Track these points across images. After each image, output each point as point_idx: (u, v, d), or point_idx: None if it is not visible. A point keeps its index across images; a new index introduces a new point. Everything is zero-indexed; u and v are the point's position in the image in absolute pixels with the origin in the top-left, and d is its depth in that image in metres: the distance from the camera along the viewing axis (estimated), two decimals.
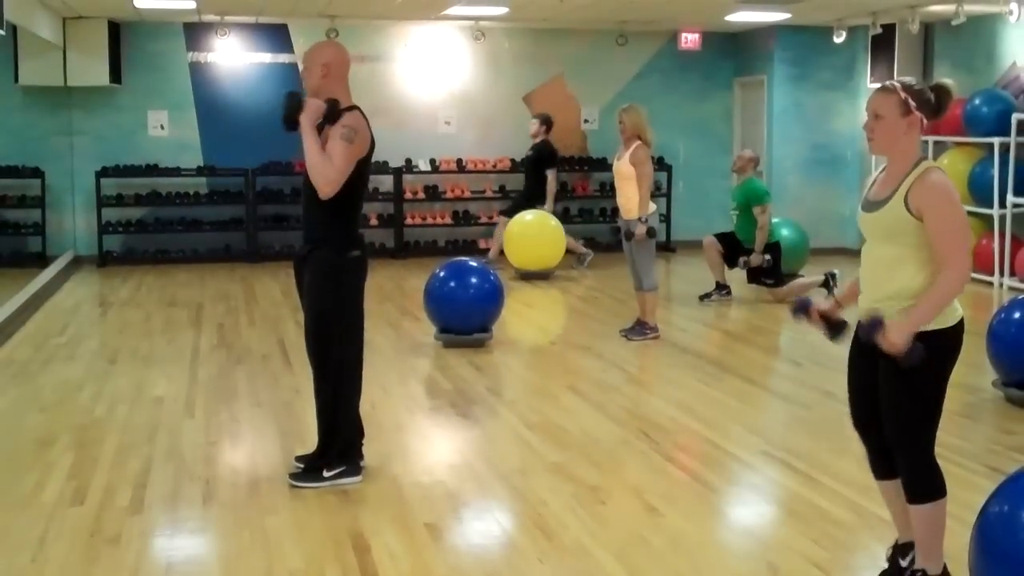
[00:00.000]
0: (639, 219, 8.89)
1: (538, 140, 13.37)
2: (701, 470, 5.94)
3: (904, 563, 4.23)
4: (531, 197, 13.19)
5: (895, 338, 3.84)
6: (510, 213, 13.04)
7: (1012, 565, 3.40)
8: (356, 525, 5.02)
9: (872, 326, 3.89)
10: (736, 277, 11.26)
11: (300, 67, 5.62)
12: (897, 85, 3.99)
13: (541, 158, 13.27)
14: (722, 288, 11.15)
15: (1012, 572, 3.39)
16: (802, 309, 4.35)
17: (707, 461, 6.12)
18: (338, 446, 5.57)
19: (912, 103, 3.94)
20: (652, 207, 9.07)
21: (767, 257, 10.94)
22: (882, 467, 4.24)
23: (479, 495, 5.49)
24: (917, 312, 3.86)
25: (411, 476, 5.75)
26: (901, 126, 3.95)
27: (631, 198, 8.96)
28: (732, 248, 11.13)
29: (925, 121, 3.97)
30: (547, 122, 13.46)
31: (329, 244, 5.47)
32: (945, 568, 4.13)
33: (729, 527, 5.22)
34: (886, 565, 4.31)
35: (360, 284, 5.64)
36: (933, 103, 4.00)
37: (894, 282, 3.96)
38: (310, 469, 5.57)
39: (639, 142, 9.01)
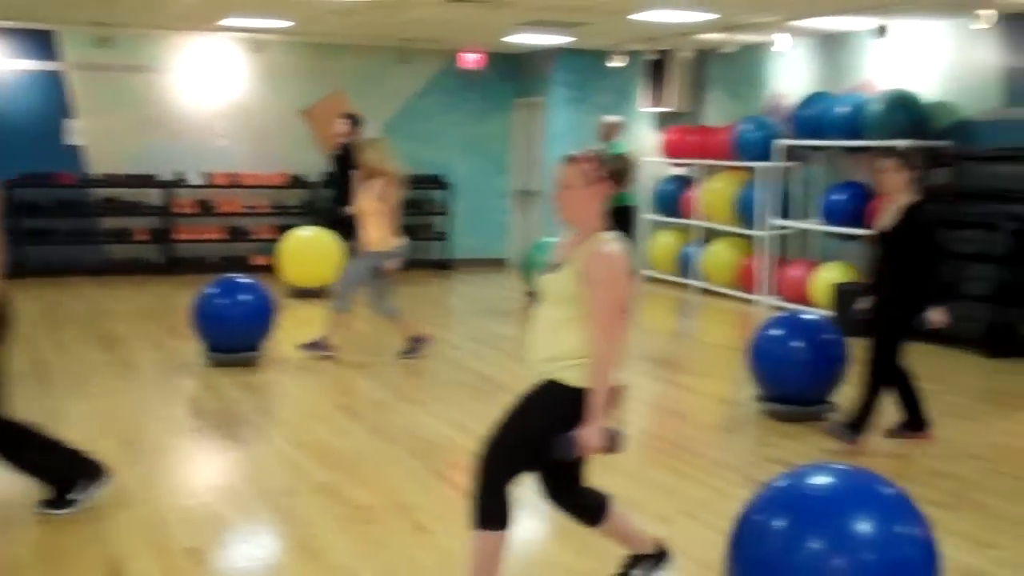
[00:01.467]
0: (388, 253, 8.87)
1: (346, 140, 12.92)
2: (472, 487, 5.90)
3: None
4: (339, 197, 12.94)
5: (589, 441, 3.87)
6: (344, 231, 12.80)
7: (762, 572, 3.47)
8: (112, 551, 4.78)
9: (568, 445, 3.88)
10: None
11: None
12: (584, 156, 4.04)
13: (348, 157, 12.82)
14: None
15: None
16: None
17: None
18: (62, 475, 5.28)
19: (597, 173, 4.00)
20: (402, 239, 9.04)
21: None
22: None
23: (244, 518, 5.32)
24: (591, 406, 3.88)
25: (173, 499, 5.53)
26: (586, 195, 3.99)
27: (374, 233, 8.86)
28: None
29: (609, 189, 4.03)
30: (357, 122, 13.04)
31: None
32: (659, 544, 4.36)
33: None
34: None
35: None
36: (617, 173, 4.07)
37: (558, 345, 3.98)
38: (57, 495, 5.27)
39: (384, 177, 8.86)
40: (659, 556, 4.35)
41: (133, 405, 7.49)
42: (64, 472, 5.29)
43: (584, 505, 4.23)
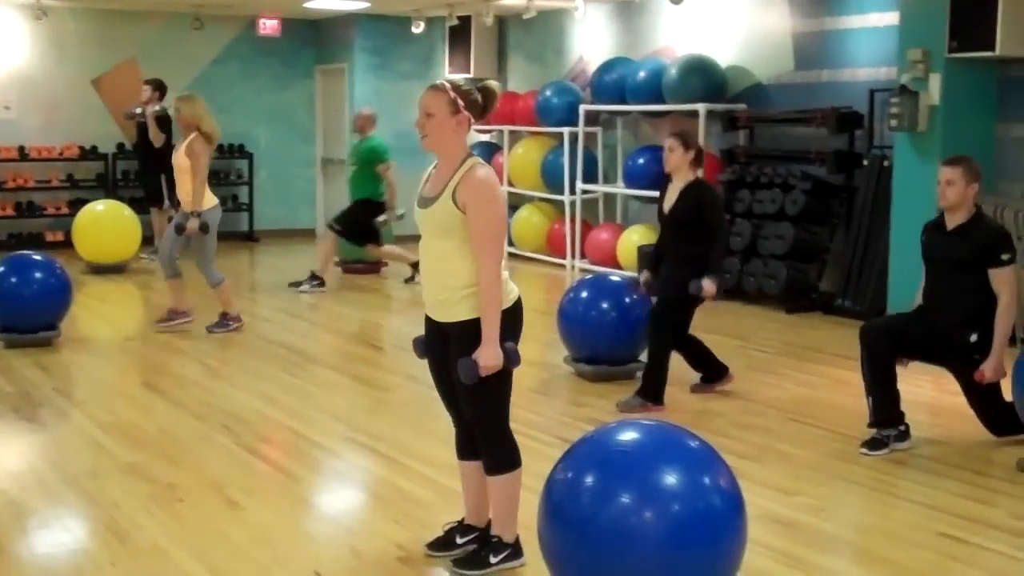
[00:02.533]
0: (192, 213, 8.61)
1: (155, 106, 12.43)
2: (284, 461, 5.84)
3: (460, 540, 4.39)
4: (145, 165, 12.55)
5: (487, 362, 4.00)
6: (152, 202, 12.42)
7: (573, 527, 3.53)
8: None
9: (468, 369, 4.00)
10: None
11: None
12: (447, 85, 4.10)
13: (162, 121, 12.34)
14: (315, 279, 11.04)
15: (573, 533, 3.53)
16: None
17: (290, 451, 6.02)
18: None
19: (461, 103, 4.05)
20: (211, 201, 8.83)
21: (401, 212, 10.89)
22: (465, 447, 4.36)
23: (45, 502, 5.11)
24: (485, 325, 4.01)
25: None
26: (450, 124, 4.05)
27: (189, 191, 8.67)
28: (351, 230, 11.05)
29: (472, 120, 4.10)
30: (160, 87, 12.54)
31: None
32: (517, 537, 4.27)
33: (313, 515, 5.15)
34: (441, 534, 4.44)
35: None
36: (480, 103, 4.12)
37: (447, 275, 4.08)
38: None
39: (196, 133, 8.69)
40: (518, 549, 4.29)
41: None
42: None
43: (510, 446, 4.24)
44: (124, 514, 4.92)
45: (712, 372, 7.08)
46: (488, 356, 4.00)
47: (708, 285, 6.51)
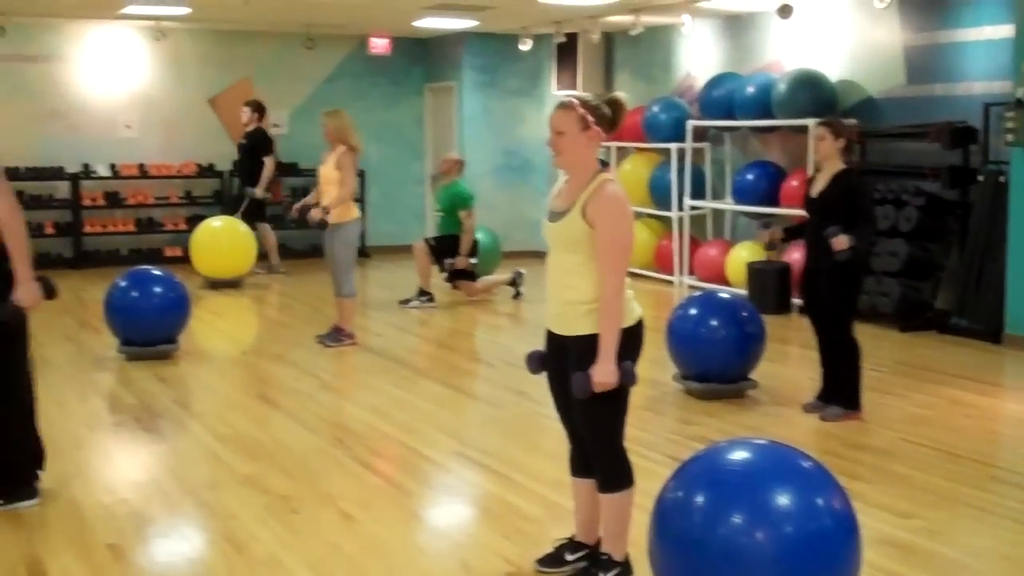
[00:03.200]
0: (324, 208, 8.80)
1: (251, 128, 13.02)
2: (396, 474, 5.92)
3: (570, 558, 4.39)
4: (244, 184, 12.94)
5: (602, 378, 4.00)
6: (252, 216, 12.75)
7: (684, 546, 3.52)
8: (32, 550, 4.70)
9: (581, 384, 4.02)
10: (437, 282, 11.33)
11: None
12: (575, 101, 4.12)
13: (256, 146, 12.93)
14: (424, 295, 11.17)
15: (685, 553, 3.52)
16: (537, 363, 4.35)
17: (402, 465, 6.09)
18: (14, 469, 5.20)
19: (590, 118, 4.08)
20: (355, 214, 9.00)
21: (473, 260, 11.08)
22: (579, 464, 4.37)
23: (165, 512, 5.25)
24: (603, 341, 4.02)
25: (92, 495, 5.44)
26: (582, 141, 4.09)
27: (335, 201, 8.86)
28: (440, 250, 11.19)
29: (603, 135, 4.13)
30: (259, 109, 13.10)
31: None
32: (627, 555, 4.27)
33: (423, 529, 5.21)
34: (551, 550, 4.45)
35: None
36: (609, 117, 4.15)
37: (571, 289, 4.11)
38: None
39: (344, 147, 8.88)
40: (627, 569, 4.28)
41: (46, 401, 7.28)
42: (15, 469, 5.21)
43: (624, 464, 4.24)
44: (241, 524, 5.04)
45: (839, 395, 6.91)
46: (603, 372, 4.00)
47: (843, 238, 6.43)
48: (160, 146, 14.46)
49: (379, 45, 15.07)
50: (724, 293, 8.22)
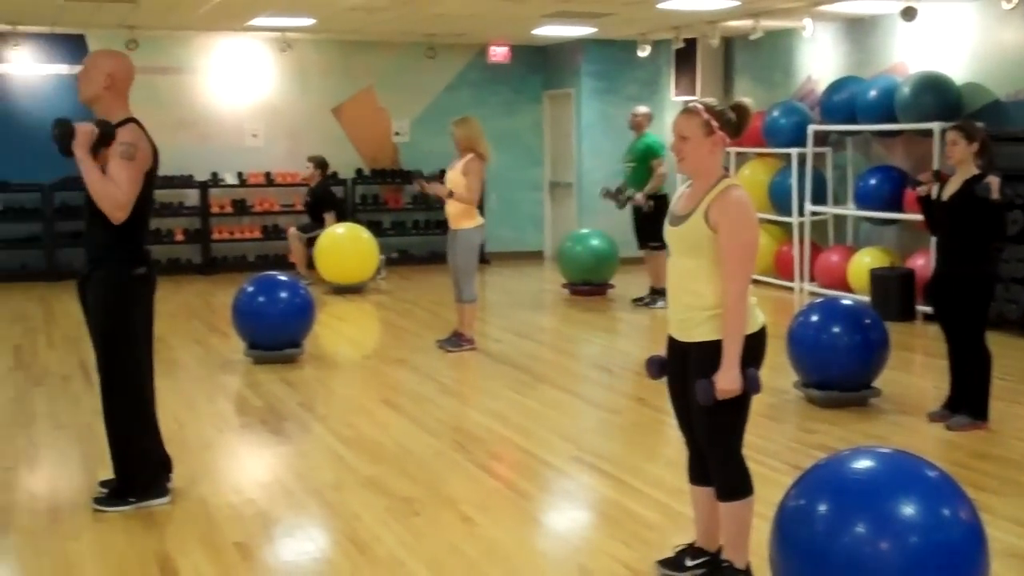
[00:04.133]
0: (449, 192, 8.92)
1: (314, 184, 13.34)
2: (515, 478, 5.97)
3: (690, 563, 4.38)
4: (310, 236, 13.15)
5: (726, 385, 4.00)
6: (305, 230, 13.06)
7: (806, 556, 3.50)
8: (163, 547, 4.86)
9: (705, 391, 4.00)
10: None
11: (79, 71, 5.33)
12: (700, 107, 4.13)
13: (319, 202, 13.26)
14: (657, 293, 11.24)
15: (806, 562, 3.50)
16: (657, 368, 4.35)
17: (521, 469, 6.14)
18: (137, 469, 5.37)
19: (715, 123, 4.08)
20: (478, 220, 9.11)
21: (651, 202, 11.10)
22: (697, 472, 4.37)
23: (291, 512, 5.38)
24: (727, 348, 4.00)
25: (220, 495, 5.60)
26: (706, 145, 4.09)
27: (458, 207, 8.97)
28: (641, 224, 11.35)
29: (727, 140, 4.12)
30: (321, 165, 13.41)
31: (112, 262, 5.23)
32: (748, 564, 4.25)
33: (542, 533, 5.25)
34: (671, 555, 4.45)
35: (147, 302, 5.41)
36: (734, 122, 4.15)
37: (694, 294, 4.10)
38: (115, 493, 5.36)
39: (473, 154, 8.99)
40: (716, 560, 4.32)
41: (177, 402, 7.57)
42: (139, 471, 5.36)
43: (743, 472, 4.22)
44: (364, 526, 5.14)
45: (967, 404, 6.75)
46: (727, 380, 3.99)
47: (995, 179, 6.32)
48: (285, 154, 14.78)
49: (498, 53, 15.19)
50: (846, 299, 8.10)
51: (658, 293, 11.22)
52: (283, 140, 14.81)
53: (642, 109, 11.72)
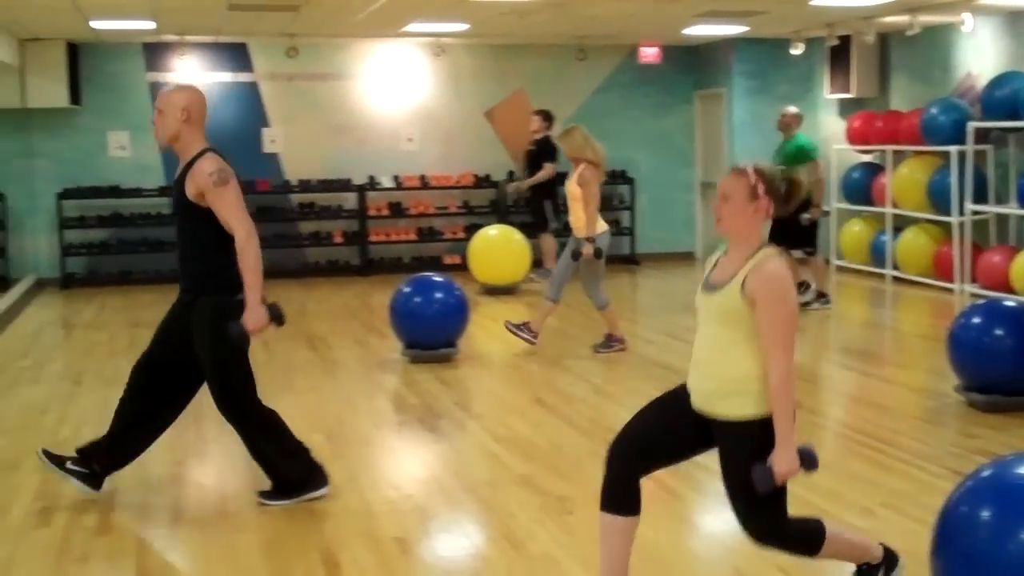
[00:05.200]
0: (586, 239, 8.90)
1: (539, 136, 13.47)
2: (667, 479, 5.95)
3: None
4: (531, 191, 13.35)
5: (784, 467, 3.80)
6: (538, 228, 13.24)
7: (970, 564, 3.45)
8: (325, 541, 5.03)
9: (763, 478, 3.80)
10: None
11: (154, 110, 5.43)
12: (750, 169, 3.93)
13: (542, 152, 13.39)
14: (822, 297, 11.19)
15: (971, 571, 3.44)
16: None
17: (673, 470, 6.04)
18: (288, 468, 5.54)
19: (761, 189, 3.89)
20: (602, 227, 9.12)
21: (826, 210, 10.93)
22: (613, 499, 4.12)
23: (447, 508, 5.50)
24: (779, 427, 3.81)
25: (379, 491, 5.76)
26: (748, 210, 3.89)
27: (580, 217, 9.00)
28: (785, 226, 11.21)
29: (771, 210, 3.92)
30: (548, 118, 13.53)
31: (213, 291, 5.34)
32: (887, 549, 4.20)
33: (696, 534, 5.27)
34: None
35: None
36: (782, 192, 3.96)
37: (720, 365, 3.91)
38: (278, 488, 5.56)
39: (584, 164, 9.03)
40: (891, 560, 4.20)
41: (338, 400, 7.81)
42: (291, 472, 5.54)
43: (799, 537, 4.07)
44: (518, 523, 5.23)
45: None
46: (785, 461, 3.79)
47: None
48: (439, 158, 15.03)
49: (649, 54, 15.16)
50: (1010, 301, 7.88)
51: (822, 296, 11.08)
52: (437, 144, 15.06)
53: (791, 109, 11.45)
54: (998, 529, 3.40)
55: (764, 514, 3.94)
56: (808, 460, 3.84)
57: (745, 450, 3.86)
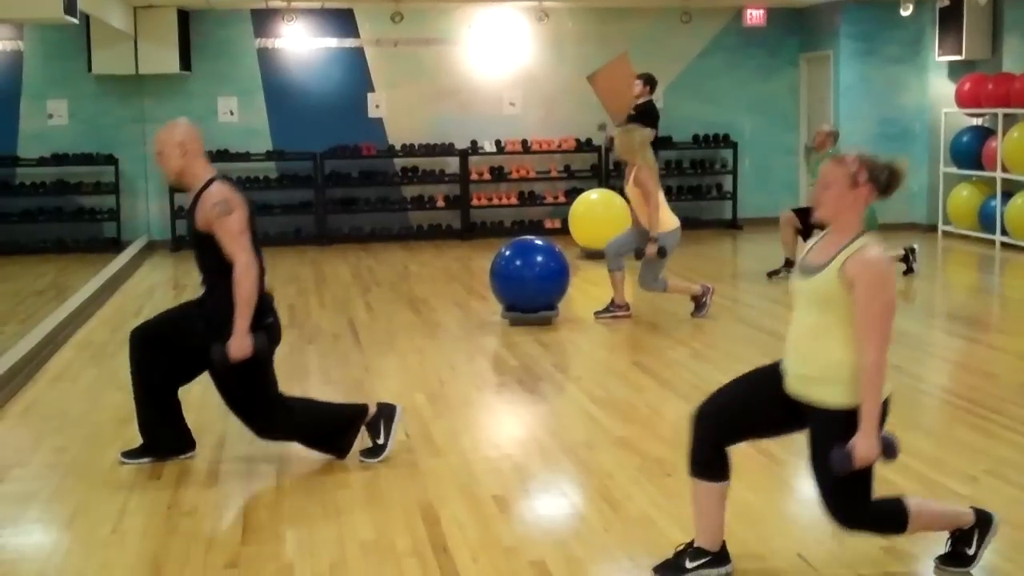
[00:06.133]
0: (651, 238, 8.82)
1: (641, 100, 13.31)
2: (765, 442, 5.94)
3: (690, 565, 4.20)
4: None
5: (865, 453, 3.80)
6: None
7: None
8: (425, 497, 5.13)
9: (842, 460, 3.82)
10: None
11: (156, 152, 5.46)
12: (852, 156, 3.92)
13: (643, 115, 13.22)
14: (791, 265, 11.08)
15: None
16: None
17: None
18: (349, 432, 5.63)
19: (862, 177, 3.87)
20: (671, 224, 8.98)
21: None
22: (701, 464, 4.19)
23: (546, 468, 5.56)
24: (865, 413, 3.80)
25: (479, 450, 5.85)
26: (848, 197, 3.88)
27: (643, 214, 8.93)
28: (808, 223, 11.05)
29: (872, 196, 3.91)
30: (650, 81, 13.33)
31: (231, 321, 5.27)
32: (979, 511, 4.18)
33: (795, 498, 5.25)
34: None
35: (273, 347, 5.48)
36: (883, 181, 3.92)
37: (817, 351, 3.92)
38: (370, 449, 5.66)
39: (637, 165, 8.91)
40: (984, 522, 4.18)
41: (439, 362, 7.91)
42: (341, 428, 5.61)
43: (883, 517, 4.08)
44: (616, 484, 5.27)
45: None
46: (866, 447, 3.79)
47: None
48: (541, 122, 15.05)
49: (755, 16, 14.97)
50: None
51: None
52: (539, 108, 15.07)
53: (826, 127, 11.23)
54: None
55: (848, 500, 3.97)
56: (889, 449, 3.85)
57: (832, 438, 3.88)
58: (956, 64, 14.18)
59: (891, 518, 4.06)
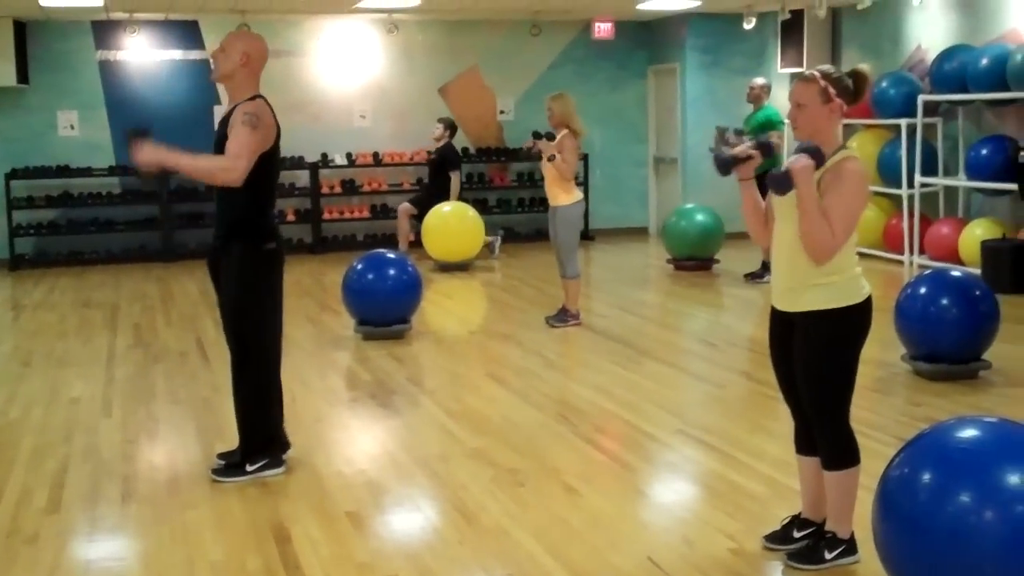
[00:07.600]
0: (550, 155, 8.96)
1: (441, 143, 13.46)
2: (619, 451, 6.03)
3: (797, 535, 4.39)
4: (433, 197, 13.21)
5: (797, 165, 3.96)
6: (417, 206, 13.16)
7: (909, 525, 3.51)
8: (277, 516, 5.03)
9: (782, 180, 3.97)
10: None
11: (215, 50, 5.55)
12: (816, 74, 4.11)
13: (444, 161, 13.39)
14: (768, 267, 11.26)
15: (910, 532, 3.50)
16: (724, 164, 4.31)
17: (625, 442, 6.20)
18: (259, 439, 5.55)
19: (832, 90, 4.07)
20: (576, 196, 9.16)
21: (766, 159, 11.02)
22: (804, 442, 4.37)
23: (400, 482, 5.51)
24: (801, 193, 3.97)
25: (332, 466, 5.77)
26: (823, 113, 4.09)
27: (552, 186, 9.06)
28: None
29: (845, 107, 4.11)
30: (451, 126, 13.55)
31: (243, 237, 5.41)
32: (852, 534, 4.26)
33: (646, 504, 5.30)
34: (778, 528, 4.46)
35: (277, 277, 5.58)
36: (851, 89, 4.13)
37: (801, 262, 4.08)
38: (233, 465, 5.55)
39: (567, 130, 9.05)
40: (852, 545, 4.29)
41: (290, 377, 7.69)
42: (259, 442, 5.54)
43: (848, 440, 4.21)
44: (470, 495, 5.25)
45: None
46: (798, 165, 3.95)
47: None
48: (392, 135, 14.97)
49: (603, 29, 15.16)
50: (955, 271, 7.98)
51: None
52: (390, 121, 15.00)
53: (759, 81, 11.67)
54: (937, 491, 3.46)
55: (825, 406, 4.15)
56: (784, 180, 3.97)
57: (822, 338, 4.06)
58: (797, 76, 14.56)
59: (852, 449, 4.21)
